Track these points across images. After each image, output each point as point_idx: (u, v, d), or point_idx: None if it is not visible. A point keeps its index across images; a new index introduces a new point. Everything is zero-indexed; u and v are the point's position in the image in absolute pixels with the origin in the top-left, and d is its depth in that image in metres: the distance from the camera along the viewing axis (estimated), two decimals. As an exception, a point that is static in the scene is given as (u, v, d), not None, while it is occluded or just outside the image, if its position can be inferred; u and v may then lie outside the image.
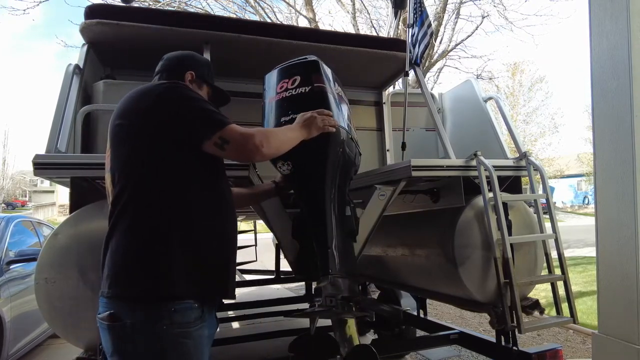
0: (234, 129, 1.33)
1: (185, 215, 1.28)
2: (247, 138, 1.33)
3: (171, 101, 1.34)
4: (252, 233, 7.04)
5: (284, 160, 1.73)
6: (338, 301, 1.55)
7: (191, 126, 1.32)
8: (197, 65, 1.63)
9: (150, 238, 1.24)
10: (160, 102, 1.33)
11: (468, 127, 3.18)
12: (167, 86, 1.40)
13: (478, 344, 2.57)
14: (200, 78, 1.62)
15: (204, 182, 1.37)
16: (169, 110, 1.32)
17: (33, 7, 8.50)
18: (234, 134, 1.32)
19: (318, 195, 1.75)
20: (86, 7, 2.52)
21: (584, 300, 5.57)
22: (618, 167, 2.33)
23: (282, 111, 1.77)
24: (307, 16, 10.72)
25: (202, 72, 1.64)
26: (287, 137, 1.50)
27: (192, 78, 1.59)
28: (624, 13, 2.28)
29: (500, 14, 10.48)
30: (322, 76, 1.83)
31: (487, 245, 2.19)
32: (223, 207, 1.41)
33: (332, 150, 1.74)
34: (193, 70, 1.60)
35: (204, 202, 1.34)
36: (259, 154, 1.37)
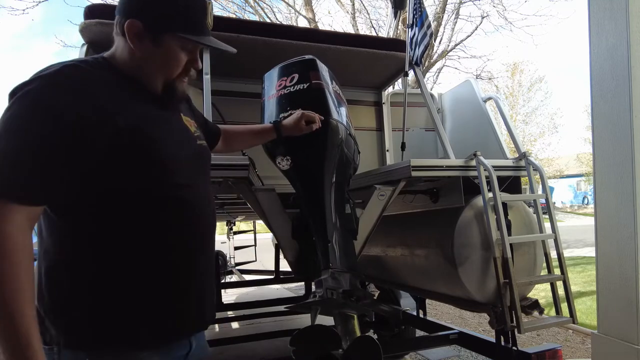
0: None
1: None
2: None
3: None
4: (252, 233, 7.06)
5: (283, 155, 1.75)
6: (339, 294, 1.55)
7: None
8: (150, 5, 1.06)
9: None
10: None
11: (467, 127, 3.18)
12: (16, 90, 0.94)
13: (477, 344, 2.57)
14: (156, 30, 1.05)
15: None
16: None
17: (32, 7, 8.51)
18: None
19: (318, 190, 1.76)
20: (85, 7, 2.52)
21: (583, 300, 5.57)
22: (617, 167, 2.33)
23: (281, 108, 1.80)
24: (307, 16, 10.72)
25: (163, 17, 1.06)
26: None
27: (140, 31, 1.04)
28: (623, 13, 2.28)
29: (500, 14, 10.50)
30: (319, 74, 1.86)
31: (486, 245, 2.19)
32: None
33: (331, 146, 1.76)
34: (140, 18, 1.04)
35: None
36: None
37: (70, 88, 0.94)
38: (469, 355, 3.83)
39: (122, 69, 1.08)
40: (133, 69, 1.09)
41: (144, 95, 1.09)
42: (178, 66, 1.12)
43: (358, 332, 1.57)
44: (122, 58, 1.09)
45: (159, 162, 1.04)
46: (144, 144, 1.01)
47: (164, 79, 1.12)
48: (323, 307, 1.61)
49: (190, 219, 1.09)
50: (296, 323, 4.05)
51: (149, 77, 1.11)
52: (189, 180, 1.11)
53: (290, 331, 3.45)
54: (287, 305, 1.81)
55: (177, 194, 1.07)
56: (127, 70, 1.08)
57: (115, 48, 1.11)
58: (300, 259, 2.07)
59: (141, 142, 1.01)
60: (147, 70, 1.09)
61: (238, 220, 6.48)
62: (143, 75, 1.10)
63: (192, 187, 1.11)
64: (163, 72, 1.11)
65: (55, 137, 0.90)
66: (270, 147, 1.83)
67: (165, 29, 1.06)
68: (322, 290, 1.59)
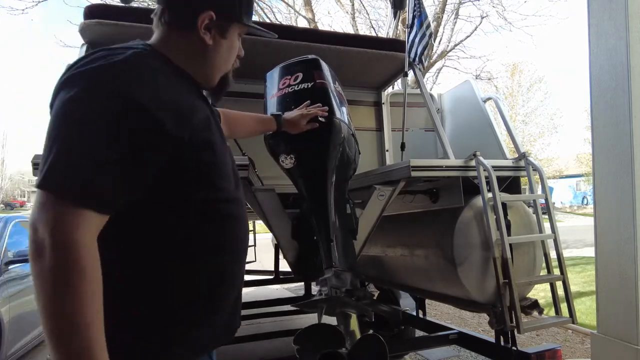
0: (49, 203, 0.72)
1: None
2: (47, 226, 0.71)
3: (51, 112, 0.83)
4: (252, 233, 7.06)
5: (287, 153, 1.75)
6: (342, 293, 1.56)
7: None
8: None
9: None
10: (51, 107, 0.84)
11: (467, 128, 3.18)
12: (70, 77, 0.82)
13: (477, 344, 2.58)
14: (226, 20, 1.00)
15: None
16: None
17: (32, 7, 8.51)
18: (43, 207, 0.73)
19: (321, 188, 1.77)
20: (85, 7, 2.52)
21: (582, 300, 5.58)
22: (617, 167, 2.33)
23: (285, 106, 1.80)
24: (306, 16, 10.73)
25: (231, 5, 1.01)
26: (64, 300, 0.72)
27: (212, 21, 0.97)
28: (623, 14, 2.29)
29: (499, 15, 10.53)
30: (323, 73, 1.87)
31: (486, 245, 2.19)
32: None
33: (334, 145, 1.77)
34: (213, 8, 0.97)
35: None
36: (36, 257, 0.72)
37: (153, 84, 0.85)
38: (469, 355, 3.83)
39: (176, 63, 0.97)
40: (191, 62, 0.99)
41: (198, 93, 1.01)
42: (235, 54, 1.07)
43: (358, 331, 1.57)
44: (178, 50, 0.97)
45: (214, 174, 0.95)
46: (211, 149, 0.94)
47: (224, 70, 1.06)
48: (329, 306, 1.62)
49: (239, 235, 1.02)
50: (295, 323, 4.05)
51: (210, 71, 1.03)
52: (236, 192, 1.03)
53: (290, 331, 3.47)
54: (294, 304, 1.81)
55: (229, 208, 0.99)
56: (181, 64, 0.98)
57: (164, 38, 0.99)
58: (300, 259, 2.07)
59: (209, 151, 0.93)
60: (212, 63, 1.02)
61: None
62: (203, 68, 1.02)
63: (238, 201, 1.04)
64: (227, 63, 1.06)
65: (138, 135, 0.80)
66: (273, 145, 1.83)
67: (235, 19, 1.02)
68: (327, 289, 1.60)
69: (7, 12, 12.52)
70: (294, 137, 1.70)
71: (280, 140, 1.76)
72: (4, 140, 43.87)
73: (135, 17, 2.51)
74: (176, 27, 0.98)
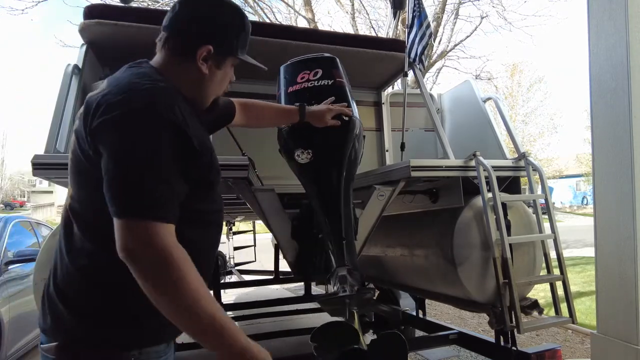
0: (138, 229, 0.88)
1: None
2: (141, 240, 0.88)
3: (101, 141, 0.94)
4: (251, 233, 7.05)
5: (304, 148, 1.75)
6: (354, 292, 1.57)
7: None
8: (220, 31, 1.11)
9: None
10: (90, 135, 0.96)
11: (467, 128, 3.18)
12: (112, 105, 0.94)
13: (477, 344, 2.58)
14: (222, 54, 1.12)
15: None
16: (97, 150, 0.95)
17: (32, 7, 8.51)
18: (130, 228, 0.89)
19: (335, 185, 1.78)
20: (85, 7, 2.52)
21: (582, 300, 5.58)
22: (616, 167, 2.33)
23: (303, 100, 1.78)
24: (306, 16, 10.73)
25: (229, 42, 1.13)
26: (194, 303, 0.89)
27: (209, 55, 1.09)
28: (623, 14, 2.29)
29: (499, 15, 10.53)
30: (341, 72, 1.90)
31: (486, 245, 2.19)
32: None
33: (350, 143, 1.79)
34: (212, 43, 1.08)
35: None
36: (137, 269, 0.89)
37: (183, 108, 0.99)
38: (469, 355, 3.83)
39: (177, 87, 1.08)
40: (189, 87, 1.11)
41: (197, 116, 1.12)
42: (228, 82, 1.22)
43: (360, 330, 1.58)
44: (178, 76, 1.10)
45: (212, 189, 1.13)
46: (212, 171, 1.10)
47: (215, 95, 1.20)
48: (352, 302, 1.62)
49: (217, 240, 1.20)
50: (296, 323, 4.05)
51: (204, 96, 1.16)
52: (220, 203, 1.20)
53: (290, 331, 3.47)
54: (319, 299, 1.81)
55: (217, 217, 1.18)
56: (181, 87, 1.09)
57: (167, 64, 1.11)
58: (300, 259, 2.07)
59: (212, 169, 1.09)
60: (206, 90, 1.15)
61: (237, 220, 6.48)
62: (199, 93, 1.14)
63: (222, 210, 1.21)
64: (219, 89, 1.20)
65: (182, 157, 0.96)
66: (289, 140, 1.82)
67: (230, 53, 1.15)
68: (348, 286, 1.60)
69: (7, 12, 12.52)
70: (312, 132, 1.71)
71: (298, 134, 1.76)
72: (4, 140, 44.01)
73: (135, 17, 2.50)
74: (178, 54, 1.10)
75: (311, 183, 1.86)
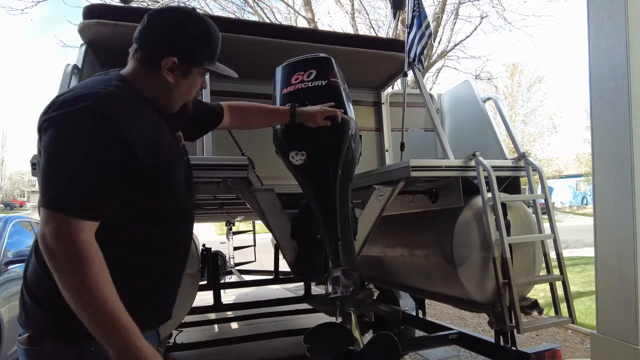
0: (55, 221, 0.94)
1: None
2: (57, 234, 0.93)
3: (43, 136, 1.02)
4: (251, 233, 7.05)
5: (299, 149, 1.75)
6: (349, 293, 1.57)
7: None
8: (184, 43, 1.18)
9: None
10: (38, 131, 1.05)
11: (467, 128, 3.18)
12: (59, 104, 1.02)
13: (477, 344, 2.58)
14: (188, 63, 1.19)
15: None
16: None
17: (31, 7, 8.51)
18: (50, 221, 0.94)
19: (331, 186, 1.77)
20: (85, 7, 2.52)
21: (582, 300, 5.58)
22: (616, 167, 2.33)
23: (297, 101, 1.78)
24: (306, 16, 10.73)
25: (194, 53, 1.20)
26: (98, 297, 0.94)
27: (174, 65, 1.16)
28: (623, 13, 2.28)
29: (499, 15, 10.54)
30: (335, 72, 1.89)
31: (485, 245, 2.19)
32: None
33: (345, 144, 1.78)
34: (176, 55, 1.15)
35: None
36: (51, 259, 0.94)
37: (126, 112, 1.05)
38: (469, 355, 3.83)
39: (144, 93, 1.17)
40: (156, 94, 1.19)
41: (161, 118, 1.20)
42: (196, 90, 1.29)
43: (358, 331, 1.58)
44: (145, 84, 1.17)
45: (169, 189, 1.18)
46: (170, 171, 1.16)
47: (183, 102, 1.27)
48: (343, 304, 1.62)
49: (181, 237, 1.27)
50: (295, 323, 4.05)
51: (171, 103, 1.23)
52: (186, 202, 1.27)
53: (290, 331, 3.47)
54: (310, 301, 1.82)
55: (177, 215, 1.22)
56: (148, 95, 1.17)
57: (135, 73, 1.18)
58: (300, 259, 2.07)
59: (169, 169, 1.16)
60: (173, 97, 1.22)
61: (237, 220, 6.47)
62: (166, 100, 1.21)
63: (187, 209, 1.29)
64: (186, 97, 1.26)
65: (121, 164, 1.02)
66: (283, 141, 1.82)
67: (195, 63, 1.21)
68: (340, 287, 1.60)
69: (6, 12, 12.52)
70: (306, 133, 1.71)
71: (292, 135, 1.76)
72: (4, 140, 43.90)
73: (134, 17, 2.50)
74: (145, 64, 1.18)
75: (307, 184, 1.86)
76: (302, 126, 1.71)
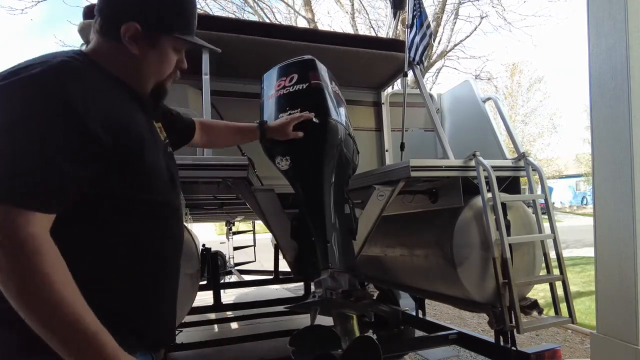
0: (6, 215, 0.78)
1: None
2: (8, 233, 0.77)
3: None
4: (251, 233, 7.06)
5: (282, 155, 1.75)
6: (338, 295, 1.56)
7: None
8: (148, 7, 1.02)
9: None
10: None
11: (467, 128, 3.18)
12: (5, 85, 0.85)
13: (477, 344, 2.58)
14: (154, 30, 1.03)
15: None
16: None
17: (31, 6, 8.51)
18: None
19: (317, 190, 1.77)
20: (85, 7, 2.52)
21: (582, 300, 5.58)
22: (616, 167, 2.33)
23: (280, 108, 1.80)
24: (306, 16, 10.73)
25: (160, 18, 1.04)
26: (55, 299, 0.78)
27: (137, 33, 1.00)
28: (622, 13, 2.29)
29: (499, 15, 10.55)
30: (318, 74, 1.86)
31: (485, 245, 2.19)
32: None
33: (330, 146, 1.77)
34: (138, 20, 1.00)
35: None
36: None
37: (78, 83, 0.89)
38: (468, 355, 3.83)
39: (109, 70, 1.01)
40: (122, 70, 1.03)
41: (131, 98, 1.05)
42: (170, 66, 1.11)
43: (357, 332, 1.57)
44: (109, 59, 1.02)
45: (146, 176, 1.01)
46: (141, 155, 0.99)
47: (155, 80, 1.10)
48: (322, 308, 1.62)
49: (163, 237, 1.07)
50: (295, 323, 4.05)
51: (140, 79, 1.07)
52: (169, 196, 1.09)
53: (290, 331, 3.46)
54: (287, 306, 1.82)
55: (161, 211, 1.06)
56: (114, 71, 1.02)
57: (97, 47, 1.03)
58: (300, 259, 2.07)
59: (140, 152, 0.98)
60: (141, 72, 1.06)
61: (237, 220, 6.48)
62: (134, 77, 1.05)
63: (170, 204, 1.09)
64: (157, 73, 1.09)
65: (72, 140, 0.84)
66: (269, 147, 1.83)
67: (163, 31, 1.05)
68: (321, 291, 1.59)
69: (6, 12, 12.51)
70: (291, 139, 1.70)
71: (276, 141, 1.76)
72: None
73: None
74: (105, 35, 1.02)
75: (295, 188, 1.87)
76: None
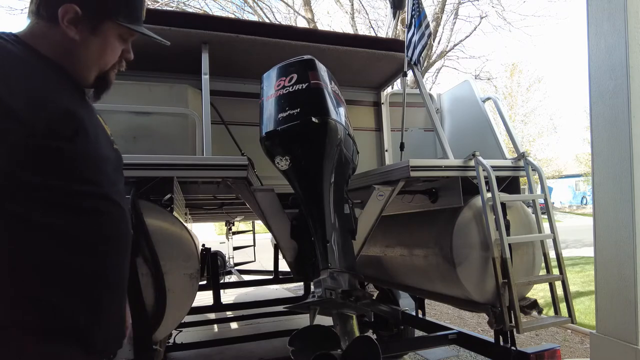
0: None
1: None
2: None
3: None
4: (251, 233, 7.05)
5: (282, 155, 1.75)
6: (338, 294, 1.56)
7: None
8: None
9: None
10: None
11: (466, 128, 3.18)
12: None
13: (476, 344, 2.57)
14: (95, 15, 0.98)
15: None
16: None
17: (31, 7, 8.49)
18: None
19: (316, 190, 1.77)
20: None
21: (582, 300, 5.58)
22: (616, 167, 2.33)
23: (279, 108, 1.80)
24: (306, 16, 10.73)
25: (101, 2, 0.99)
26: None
27: (77, 17, 0.95)
28: (622, 13, 2.29)
29: (499, 15, 10.55)
30: (318, 73, 1.87)
31: (485, 245, 2.19)
32: None
33: (329, 146, 1.77)
34: (77, 2, 0.95)
35: None
36: None
37: (6, 71, 0.84)
38: (468, 355, 3.83)
39: (45, 54, 0.94)
40: (60, 55, 0.96)
41: (71, 86, 0.98)
42: (114, 55, 1.04)
43: (357, 332, 1.57)
44: (44, 42, 0.95)
45: (80, 165, 0.92)
46: (74, 141, 0.91)
47: (98, 69, 1.03)
48: (322, 307, 1.62)
49: (103, 234, 0.98)
50: (295, 323, 4.05)
51: (81, 67, 1.00)
52: (108, 189, 1.00)
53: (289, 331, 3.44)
54: (286, 306, 1.82)
55: (97, 204, 0.96)
56: (51, 56, 0.95)
57: (32, 29, 0.96)
58: (299, 259, 2.07)
59: (72, 138, 0.90)
60: (81, 59, 0.99)
61: (237, 220, 6.48)
62: (73, 63, 0.98)
63: (109, 199, 1.00)
64: (99, 61, 1.02)
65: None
66: (269, 147, 1.83)
67: (106, 16, 0.99)
68: (320, 291, 1.59)
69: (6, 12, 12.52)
70: (289, 139, 1.71)
71: (275, 142, 1.76)
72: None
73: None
74: (42, 16, 0.96)
75: (295, 187, 1.88)
76: (285, 132, 1.71)
